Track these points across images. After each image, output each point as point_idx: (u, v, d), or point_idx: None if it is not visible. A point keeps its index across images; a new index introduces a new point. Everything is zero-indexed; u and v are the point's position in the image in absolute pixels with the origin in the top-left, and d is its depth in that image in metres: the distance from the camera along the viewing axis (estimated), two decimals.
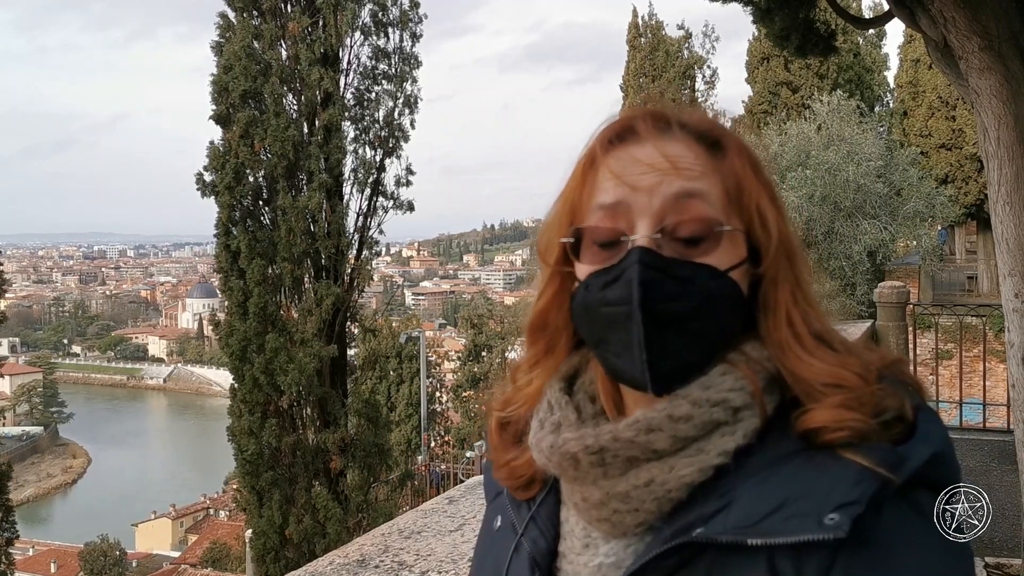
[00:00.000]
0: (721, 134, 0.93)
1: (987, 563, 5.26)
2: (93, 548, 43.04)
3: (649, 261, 0.85)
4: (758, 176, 0.92)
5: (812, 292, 0.93)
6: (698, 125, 0.92)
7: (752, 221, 0.90)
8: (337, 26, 14.60)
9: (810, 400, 0.84)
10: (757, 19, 5.72)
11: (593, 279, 0.90)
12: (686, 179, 0.88)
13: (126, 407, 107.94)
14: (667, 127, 0.92)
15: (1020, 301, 3.87)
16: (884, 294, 8.30)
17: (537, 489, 1.00)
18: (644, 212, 0.87)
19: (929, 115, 26.98)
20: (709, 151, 0.91)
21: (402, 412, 31.12)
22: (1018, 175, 3.83)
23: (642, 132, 0.92)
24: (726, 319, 0.88)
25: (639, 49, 28.17)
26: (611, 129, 0.94)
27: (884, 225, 17.87)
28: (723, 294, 0.87)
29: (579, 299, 0.92)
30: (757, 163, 0.94)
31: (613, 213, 0.89)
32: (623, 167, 0.90)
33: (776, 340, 0.89)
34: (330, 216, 14.54)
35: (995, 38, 3.77)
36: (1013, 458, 4.32)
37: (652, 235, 0.86)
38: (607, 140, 0.93)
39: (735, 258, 0.89)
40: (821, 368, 0.85)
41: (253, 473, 13.85)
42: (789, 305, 0.90)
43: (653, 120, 0.92)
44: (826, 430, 0.81)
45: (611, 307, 0.87)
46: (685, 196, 0.87)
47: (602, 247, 0.89)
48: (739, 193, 0.90)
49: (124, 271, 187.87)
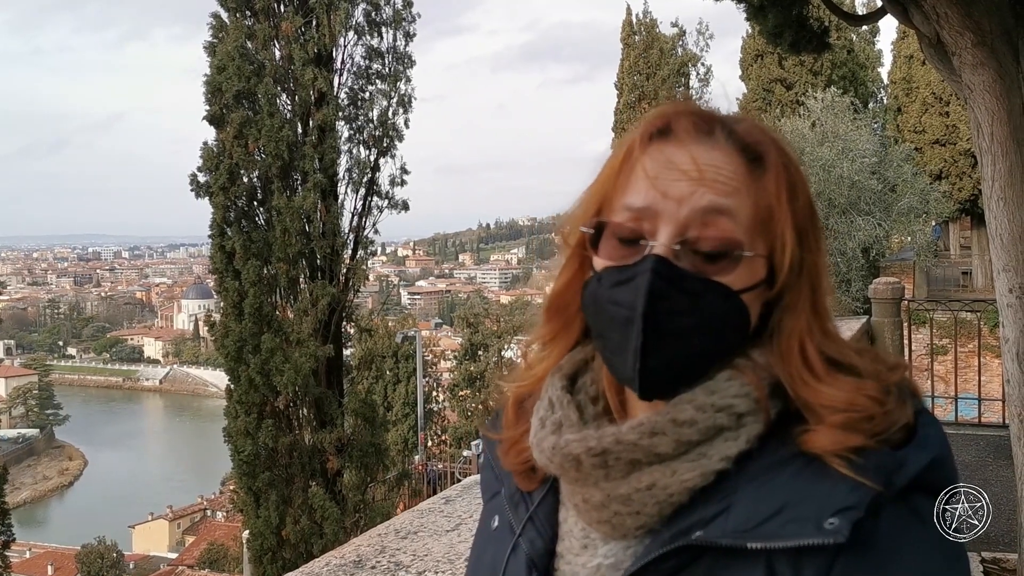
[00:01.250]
0: (766, 150, 0.90)
1: (983, 558, 5.27)
2: (90, 550, 43.04)
3: (662, 271, 0.84)
4: (792, 201, 0.89)
5: (830, 321, 0.91)
6: (744, 136, 0.90)
7: (775, 245, 0.89)
8: (330, 26, 14.58)
9: (813, 417, 0.84)
10: (750, 16, 5.72)
11: (607, 274, 0.89)
12: (718, 193, 0.86)
13: (122, 409, 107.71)
14: (711, 132, 0.89)
15: (1014, 296, 3.87)
16: (879, 290, 8.31)
17: (538, 483, 0.99)
18: (669, 220, 0.86)
19: (923, 111, 27.06)
20: (749, 165, 0.89)
21: (398, 412, 31.11)
22: (1012, 171, 3.83)
23: (683, 134, 0.90)
24: (728, 339, 0.87)
25: (633, 47, 28.15)
26: (653, 124, 0.92)
27: (878, 221, 17.89)
28: (730, 315, 0.86)
29: (590, 289, 0.91)
30: (795, 185, 0.90)
31: (639, 216, 0.88)
32: (658, 170, 0.88)
33: (786, 366, 0.87)
34: (325, 216, 14.54)
35: (988, 34, 3.78)
36: (1008, 453, 4.32)
37: (672, 245, 0.85)
38: (648, 135, 0.91)
39: (751, 280, 0.87)
40: (833, 395, 0.84)
41: (250, 474, 13.85)
42: (803, 334, 0.88)
43: (697, 122, 0.90)
44: (827, 455, 0.81)
45: (617, 307, 0.87)
46: (714, 211, 0.86)
47: (621, 243, 0.89)
48: (769, 217, 0.88)
49: (119, 272, 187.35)
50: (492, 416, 1.10)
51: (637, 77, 27.73)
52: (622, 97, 27.73)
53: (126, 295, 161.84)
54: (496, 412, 1.09)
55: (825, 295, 0.91)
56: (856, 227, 17.69)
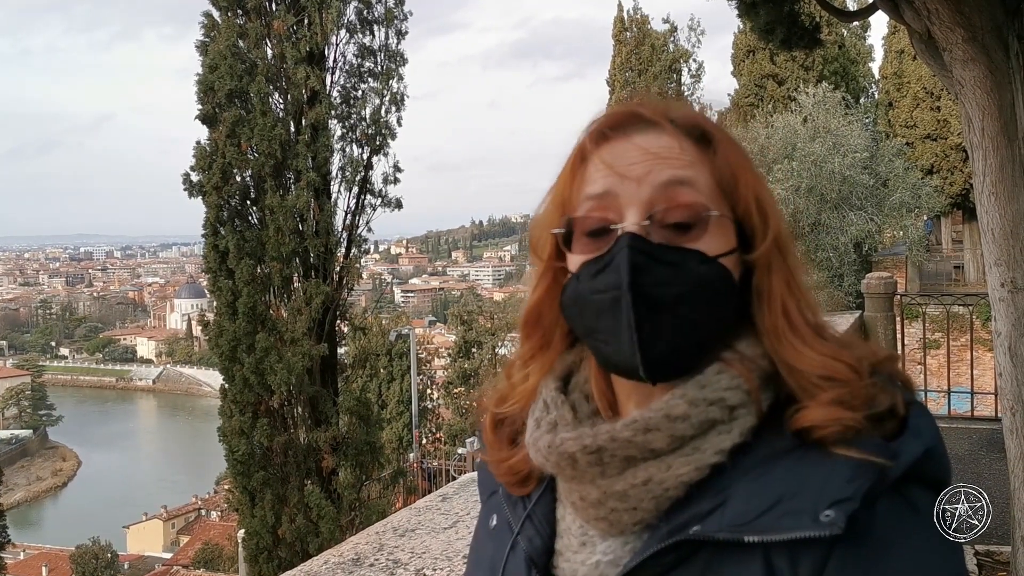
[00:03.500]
0: (709, 128, 0.93)
1: (977, 551, 5.30)
2: (84, 551, 42.90)
3: (638, 246, 0.86)
4: (752, 167, 0.93)
5: (805, 283, 0.93)
6: (686, 120, 0.92)
7: (749, 210, 0.90)
8: (322, 24, 14.53)
9: (804, 395, 0.85)
10: (742, 13, 5.74)
11: (584, 269, 0.90)
12: (675, 167, 0.88)
13: (115, 409, 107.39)
14: (656, 123, 0.92)
15: (1006, 290, 3.89)
16: (872, 285, 8.35)
17: (533, 485, 1.00)
18: (633, 200, 0.88)
19: (914, 106, 27.12)
20: (698, 145, 0.91)
21: (393, 409, 31.10)
22: (1003, 165, 3.85)
23: (630, 127, 0.92)
24: (718, 304, 0.88)
25: (625, 44, 28.17)
26: (601, 124, 0.94)
27: (870, 216, 17.95)
28: (713, 279, 0.87)
29: (570, 290, 0.92)
30: (748, 156, 0.95)
31: (603, 203, 0.89)
32: (613, 158, 0.90)
33: (771, 329, 0.89)
34: (318, 215, 14.49)
35: (979, 29, 3.79)
36: (1001, 446, 4.35)
37: (641, 222, 0.87)
38: (597, 135, 0.93)
39: (725, 246, 0.89)
40: (815, 359, 0.86)
41: (245, 473, 13.81)
42: (784, 294, 0.90)
43: (641, 115, 0.93)
44: (819, 428, 0.82)
45: (601, 294, 0.87)
46: (675, 183, 0.88)
47: (592, 236, 0.90)
48: (734, 182, 0.90)
49: (111, 272, 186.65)
50: (479, 432, 1.11)
51: (629, 73, 27.76)
52: (614, 93, 27.73)
53: (118, 295, 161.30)
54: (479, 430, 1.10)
55: (796, 257, 0.93)
56: (848, 222, 17.74)
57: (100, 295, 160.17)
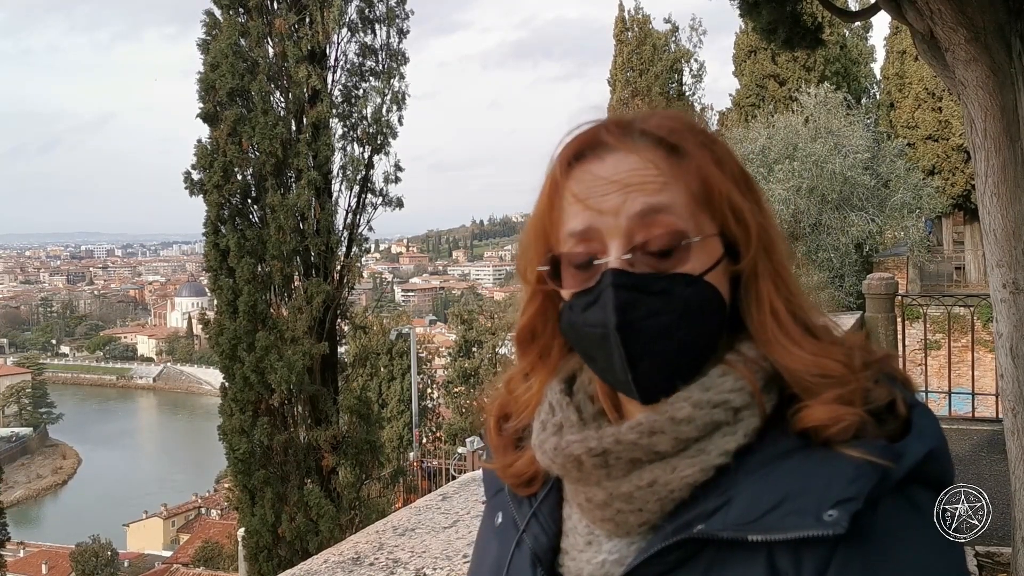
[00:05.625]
0: (681, 137, 0.91)
1: (977, 552, 5.30)
2: (84, 549, 42.89)
3: (622, 282, 0.86)
4: (724, 170, 0.91)
5: (795, 281, 0.93)
6: (657, 130, 0.91)
7: (725, 218, 0.90)
8: (324, 23, 14.54)
9: (806, 394, 0.85)
10: (744, 13, 5.74)
11: (575, 300, 0.91)
12: (648, 194, 0.87)
13: (116, 407, 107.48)
14: (624, 138, 0.90)
15: (1008, 291, 3.89)
16: (873, 285, 8.34)
17: (538, 486, 1.00)
18: (613, 234, 0.88)
19: (916, 107, 27.11)
20: (669, 156, 0.89)
21: (393, 409, 31.12)
22: (1005, 166, 3.85)
23: (599, 148, 0.91)
24: (710, 321, 0.88)
25: (626, 44, 28.14)
26: (569, 149, 0.93)
27: (871, 217, 17.95)
28: (702, 299, 0.87)
29: (566, 318, 0.93)
30: (723, 157, 0.92)
31: (585, 237, 0.89)
32: (586, 190, 0.89)
33: (763, 333, 0.89)
34: (319, 213, 14.50)
35: (981, 30, 3.79)
36: (1002, 447, 4.35)
37: (623, 255, 0.87)
38: (566, 162, 0.92)
39: (710, 260, 0.89)
40: (807, 358, 0.86)
41: (245, 472, 13.82)
42: (772, 296, 0.90)
43: (609, 133, 0.91)
44: (821, 428, 0.82)
45: (592, 328, 0.88)
46: (650, 212, 0.87)
47: (578, 269, 0.90)
48: (707, 193, 0.89)
49: (112, 270, 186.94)
50: (483, 434, 1.11)
51: (630, 73, 27.73)
52: (615, 93, 27.73)
53: (119, 293, 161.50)
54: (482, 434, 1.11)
55: (784, 255, 0.93)
56: (849, 223, 17.74)
57: (101, 293, 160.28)
